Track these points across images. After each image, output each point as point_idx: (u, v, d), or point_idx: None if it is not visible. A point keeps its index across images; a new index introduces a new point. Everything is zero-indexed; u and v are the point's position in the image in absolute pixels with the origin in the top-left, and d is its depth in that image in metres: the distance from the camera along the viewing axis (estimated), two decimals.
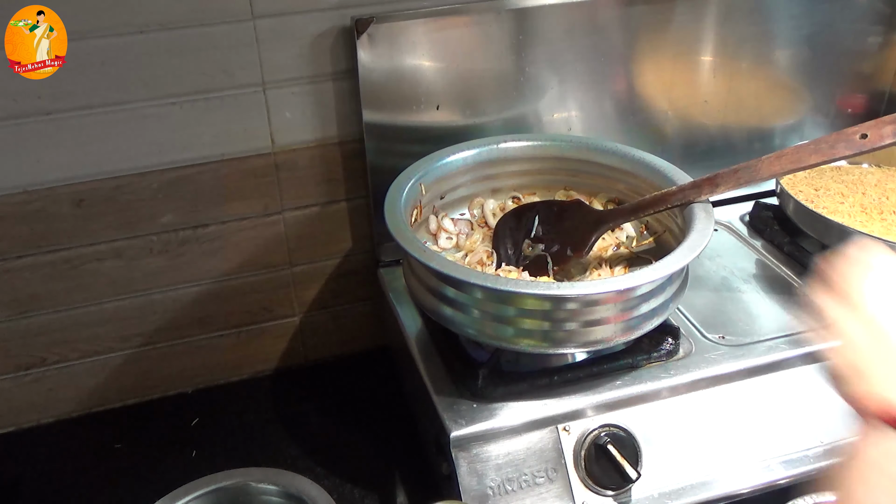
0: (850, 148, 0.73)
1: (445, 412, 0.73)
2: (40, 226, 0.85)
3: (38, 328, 0.91)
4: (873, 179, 0.98)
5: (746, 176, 0.76)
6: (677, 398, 0.76)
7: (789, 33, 1.03)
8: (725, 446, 0.76)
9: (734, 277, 0.93)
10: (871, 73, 1.11)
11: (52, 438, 0.95)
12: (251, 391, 1.01)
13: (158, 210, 0.89)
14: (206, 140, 0.87)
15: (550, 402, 0.74)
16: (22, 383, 0.94)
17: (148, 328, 0.96)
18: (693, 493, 0.74)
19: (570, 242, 0.83)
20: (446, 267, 0.69)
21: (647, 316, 0.72)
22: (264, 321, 1.01)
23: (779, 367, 0.79)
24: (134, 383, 0.99)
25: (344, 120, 0.91)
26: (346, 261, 1.00)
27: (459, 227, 0.90)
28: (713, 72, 1.02)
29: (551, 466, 0.72)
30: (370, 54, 0.85)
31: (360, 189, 0.95)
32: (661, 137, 1.04)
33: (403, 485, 0.85)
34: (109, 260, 0.90)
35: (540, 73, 0.94)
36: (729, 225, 1.05)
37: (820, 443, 0.77)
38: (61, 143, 0.82)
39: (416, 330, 0.85)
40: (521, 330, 0.71)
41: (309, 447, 0.90)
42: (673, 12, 0.96)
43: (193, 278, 0.94)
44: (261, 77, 0.85)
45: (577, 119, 0.99)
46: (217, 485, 0.74)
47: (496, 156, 0.90)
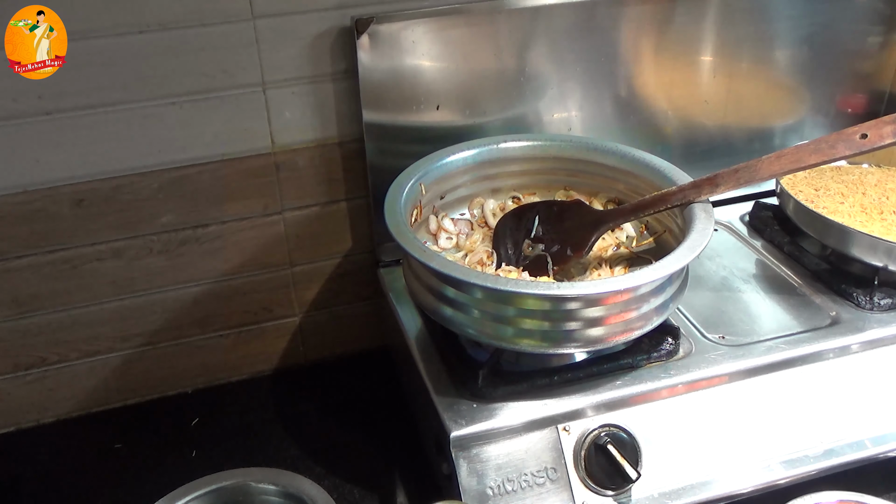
0: (850, 148, 0.73)
1: (445, 412, 0.73)
2: (40, 226, 0.85)
3: (38, 328, 0.91)
4: (873, 179, 0.98)
5: (746, 176, 0.76)
6: (677, 398, 0.76)
7: (789, 33, 1.03)
8: (725, 446, 0.76)
9: (734, 277, 0.93)
10: (871, 73, 1.11)
11: (52, 438, 0.95)
12: (251, 391, 1.01)
13: (158, 210, 0.89)
14: (206, 140, 0.87)
15: (550, 402, 0.74)
16: (22, 383, 0.94)
17: (148, 328, 0.96)
18: (693, 493, 0.74)
19: (570, 242, 0.83)
20: (446, 267, 0.69)
21: (647, 316, 0.73)
22: (264, 321, 1.01)
23: (779, 367, 0.79)
24: (134, 383, 0.99)
25: (344, 120, 0.91)
26: (346, 261, 1.00)
27: (459, 227, 0.90)
28: (713, 72, 1.02)
29: (551, 466, 0.72)
30: (370, 54, 0.85)
31: (360, 189, 0.95)
32: (661, 137, 1.04)
33: (403, 485, 0.85)
34: (109, 260, 0.90)
35: (540, 73, 0.94)
36: (729, 225, 1.05)
37: (820, 443, 0.77)
38: (61, 143, 0.82)
39: (416, 330, 0.85)
40: (521, 330, 0.71)
41: (309, 447, 0.90)
42: (673, 12, 0.96)
43: (193, 278, 0.94)
44: (261, 77, 0.86)
45: (577, 119, 0.99)
46: (217, 485, 0.74)
47: (496, 156, 0.90)
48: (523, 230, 0.87)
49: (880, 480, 0.79)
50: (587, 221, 0.83)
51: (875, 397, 0.80)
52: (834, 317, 0.85)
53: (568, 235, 0.83)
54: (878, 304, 0.85)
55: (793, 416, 0.78)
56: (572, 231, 0.83)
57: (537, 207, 0.88)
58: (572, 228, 0.83)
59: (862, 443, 0.78)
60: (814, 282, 0.91)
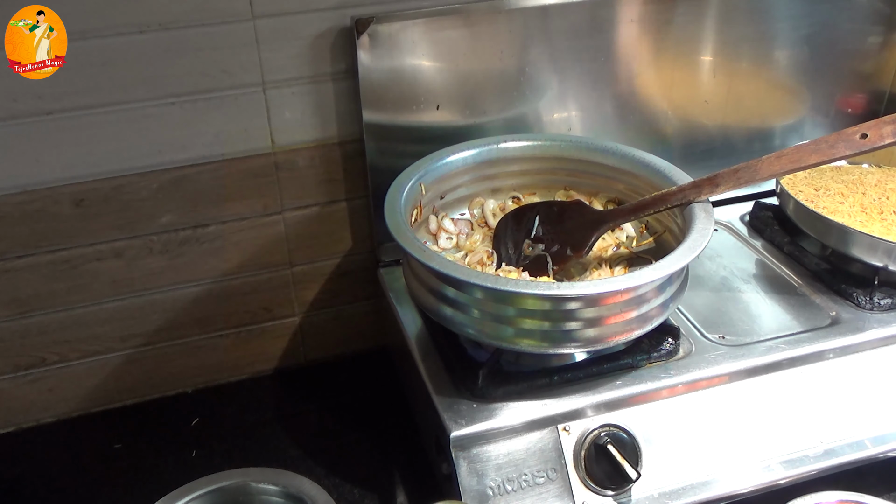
0: (850, 148, 0.73)
1: (445, 412, 0.73)
2: (40, 226, 0.85)
3: (38, 328, 0.91)
4: (873, 179, 0.98)
5: (746, 176, 0.76)
6: (677, 398, 0.76)
7: (789, 33, 1.03)
8: (725, 446, 0.76)
9: (734, 277, 0.93)
10: (871, 73, 1.11)
11: (52, 438, 0.95)
12: (251, 391, 1.01)
13: (158, 210, 0.89)
14: (206, 140, 0.87)
15: (550, 402, 0.74)
16: (22, 383, 0.94)
17: (148, 328, 0.96)
18: (693, 493, 0.74)
19: (570, 242, 0.83)
20: (446, 267, 0.69)
21: (647, 316, 0.73)
22: (264, 321, 1.01)
23: (779, 367, 0.79)
24: (134, 383, 0.99)
25: (344, 120, 0.91)
26: (346, 261, 1.00)
27: (459, 227, 0.90)
28: (713, 72, 1.02)
29: (551, 466, 0.72)
30: (370, 54, 0.85)
31: (360, 189, 0.95)
32: (661, 137, 1.04)
33: (403, 485, 0.85)
34: (109, 260, 0.90)
35: (540, 73, 0.94)
36: (729, 225, 1.05)
37: (820, 443, 0.77)
38: (61, 143, 0.82)
39: (416, 330, 0.85)
40: (520, 330, 0.71)
41: (309, 447, 0.90)
42: (673, 12, 0.96)
43: (193, 278, 0.94)
44: (261, 77, 0.85)
45: (577, 119, 0.99)
46: (217, 485, 0.74)
47: (496, 156, 0.90)
48: (523, 230, 0.87)
49: (880, 480, 0.79)
50: (587, 221, 0.83)
51: (875, 397, 0.80)
52: (834, 317, 0.85)
53: (568, 235, 0.83)
54: (878, 304, 0.85)
55: (793, 416, 0.78)
56: (572, 231, 0.83)
57: (537, 207, 0.88)
58: (572, 228, 0.83)
59: (862, 443, 0.78)
60: (814, 282, 0.91)
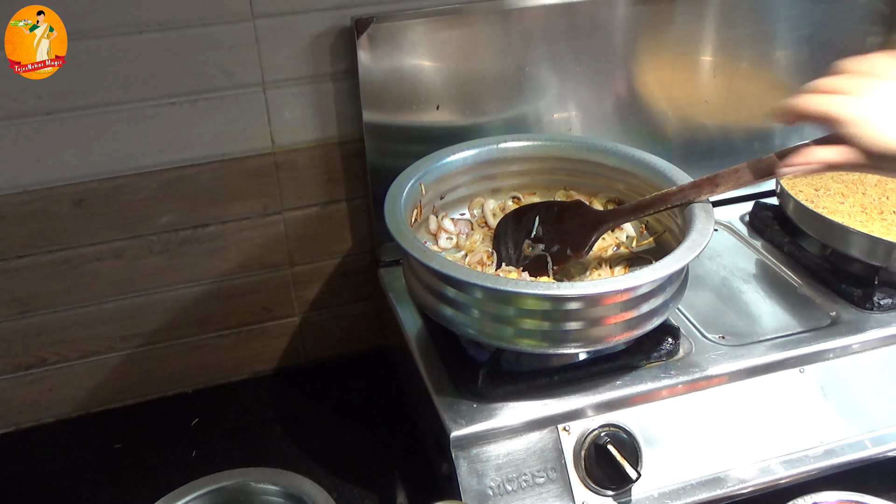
0: None
1: (445, 412, 0.73)
2: (40, 226, 0.85)
3: (38, 328, 0.91)
4: (873, 179, 0.98)
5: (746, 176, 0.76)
6: (677, 398, 0.76)
7: (789, 33, 1.03)
8: (725, 446, 0.76)
9: (734, 277, 0.93)
10: None
11: (52, 438, 0.95)
12: (251, 391, 1.01)
13: (158, 210, 0.89)
14: (206, 140, 0.87)
15: (550, 402, 0.74)
16: (22, 383, 0.94)
17: (148, 328, 0.96)
18: (693, 493, 0.74)
19: (570, 242, 0.83)
20: (446, 267, 0.69)
21: (647, 316, 0.72)
22: (264, 321, 1.01)
23: (779, 367, 0.79)
24: (134, 383, 0.99)
25: (344, 120, 0.91)
26: (346, 261, 1.00)
27: (459, 227, 0.90)
28: (713, 72, 1.02)
29: (551, 466, 0.72)
30: (370, 54, 0.85)
31: (360, 189, 0.95)
32: (661, 137, 1.04)
33: (403, 485, 0.85)
34: (109, 260, 0.90)
35: (540, 73, 0.94)
36: (729, 225, 1.05)
37: (820, 443, 0.77)
38: (61, 143, 0.82)
39: (416, 330, 0.85)
40: (520, 330, 0.71)
41: (309, 447, 0.90)
42: (673, 12, 0.96)
43: (193, 278, 0.94)
44: (261, 77, 0.85)
45: (577, 119, 0.99)
46: (217, 485, 0.74)
47: (496, 156, 0.90)
48: (523, 230, 0.86)
49: (880, 480, 0.79)
50: (587, 221, 0.83)
51: (875, 397, 0.80)
52: (834, 317, 0.85)
53: (568, 235, 0.83)
54: (878, 304, 0.85)
55: (793, 416, 0.78)
56: (572, 231, 0.83)
57: (537, 208, 0.88)
58: (572, 228, 0.83)
59: (862, 443, 0.78)
60: (814, 282, 0.91)
